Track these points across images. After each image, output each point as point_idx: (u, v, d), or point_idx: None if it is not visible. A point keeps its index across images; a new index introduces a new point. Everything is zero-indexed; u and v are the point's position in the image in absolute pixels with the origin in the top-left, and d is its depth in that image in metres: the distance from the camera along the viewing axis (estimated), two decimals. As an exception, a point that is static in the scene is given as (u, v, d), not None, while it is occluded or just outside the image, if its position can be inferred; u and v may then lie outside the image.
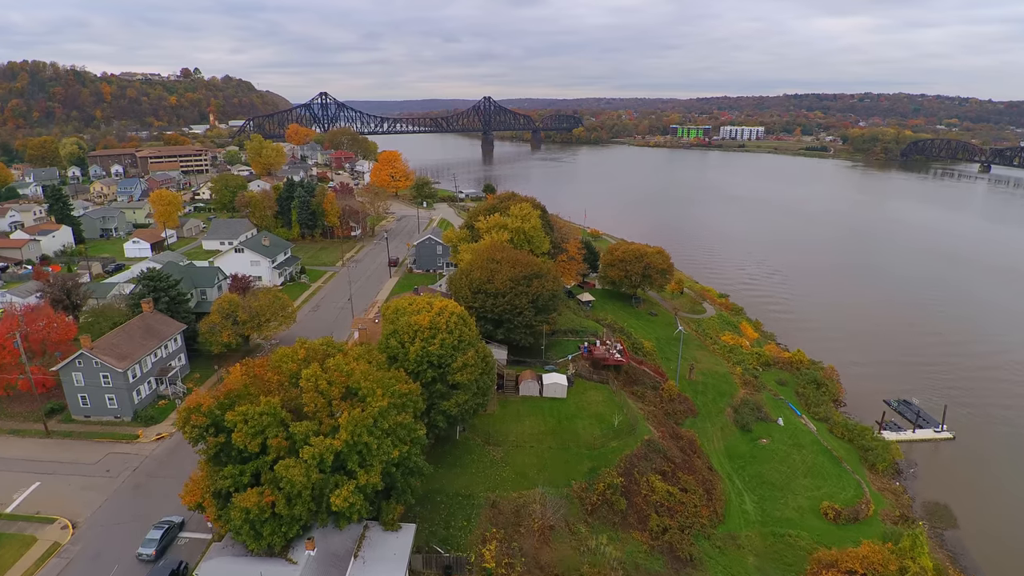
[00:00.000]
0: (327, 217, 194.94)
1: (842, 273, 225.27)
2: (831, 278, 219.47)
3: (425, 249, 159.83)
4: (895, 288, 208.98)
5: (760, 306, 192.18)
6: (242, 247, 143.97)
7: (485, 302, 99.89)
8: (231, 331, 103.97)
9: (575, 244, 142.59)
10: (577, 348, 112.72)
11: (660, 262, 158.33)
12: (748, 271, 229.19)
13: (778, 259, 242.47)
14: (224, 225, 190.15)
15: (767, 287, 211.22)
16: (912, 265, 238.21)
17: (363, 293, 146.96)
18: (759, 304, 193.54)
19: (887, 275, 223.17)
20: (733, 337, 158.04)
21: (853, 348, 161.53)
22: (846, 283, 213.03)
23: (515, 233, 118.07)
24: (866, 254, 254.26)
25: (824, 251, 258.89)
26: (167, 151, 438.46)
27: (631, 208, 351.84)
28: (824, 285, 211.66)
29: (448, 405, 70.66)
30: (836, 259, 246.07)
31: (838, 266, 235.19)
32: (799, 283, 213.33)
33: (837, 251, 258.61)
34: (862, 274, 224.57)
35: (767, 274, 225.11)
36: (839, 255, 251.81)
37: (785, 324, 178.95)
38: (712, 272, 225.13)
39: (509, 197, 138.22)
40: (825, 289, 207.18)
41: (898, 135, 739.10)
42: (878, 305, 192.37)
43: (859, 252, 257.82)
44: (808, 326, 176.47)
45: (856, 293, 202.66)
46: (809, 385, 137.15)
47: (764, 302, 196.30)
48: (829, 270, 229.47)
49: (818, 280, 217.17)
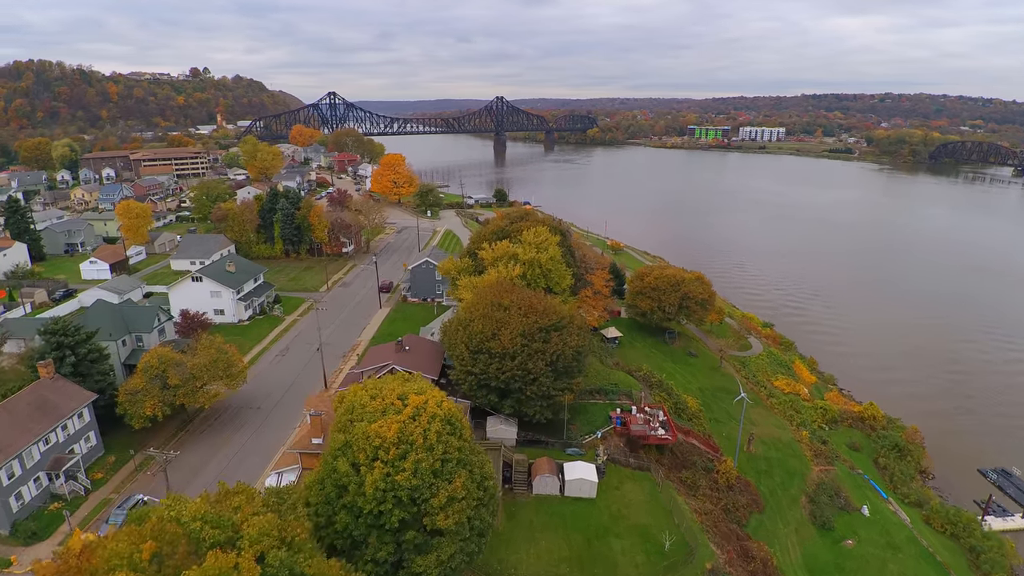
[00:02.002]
0: (314, 232, 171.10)
1: (894, 295, 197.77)
2: (881, 301, 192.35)
3: (421, 275, 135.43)
4: (958, 314, 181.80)
5: (807, 335, 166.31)
6: (200, 275, 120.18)
7: (488, 365, 75.43)
8: (159, 398, 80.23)
9: (602, 276, 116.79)
10: (607, 418, 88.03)
11: (700, 291, 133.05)
12: (787, 291, 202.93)
13: (817, 276, 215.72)
14: (196, 242, 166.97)
15: (812, 311, 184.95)
16: (971, 285, 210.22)
17: (345, 331, 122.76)
18: (806, 334, 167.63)
19: (946, 298, 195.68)
20: (788, 382, 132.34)
21: (925, 393, 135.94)
22: (900, 308, 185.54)
23: (528, 266, 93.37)
24: (916, 272, 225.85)
25: (867, 266, 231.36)
26: (163, 153, 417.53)
27: (652, 215, 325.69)
28: (875, 309, 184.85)
29: (425, 564, 46.21)
30: (881, 275, 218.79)
31: (887, 285, 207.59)
32: (846, 306, 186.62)
33: (882, 267, 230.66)
34: (917, 297, 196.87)
35: (809, 295, 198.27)
36: (885, 272, 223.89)
37: (840, 360, 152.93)
38: (748, 293, 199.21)
39: (521, 217, 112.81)
40: (877, 315, 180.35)
41: (926, 137, 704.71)
42: (943, 334, 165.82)
43: (907, 269, 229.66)
44: (867, 364, 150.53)
45: (914, 321, 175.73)
46: (890, 452, 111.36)
47: (811, 330, 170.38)
48: (878, 291, 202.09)
49: (867, 303, 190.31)
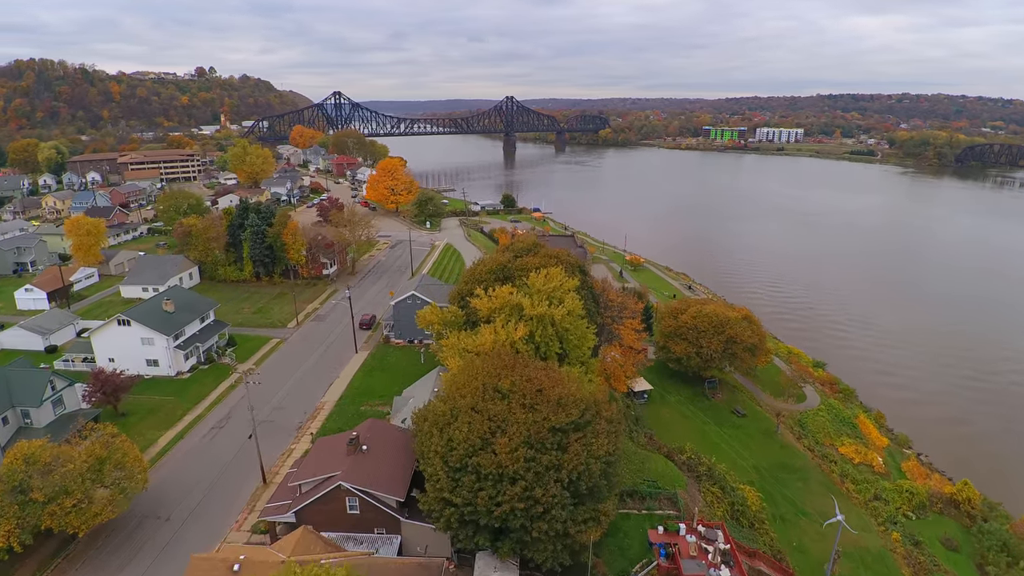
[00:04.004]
0: (288, 253, 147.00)
1: (963, 325, 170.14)
2: (947, 334, 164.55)
3: (406, 312, 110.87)
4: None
5: (864, 376, 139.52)
6: (127, 318, 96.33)
7: (476, 492, 50.95)
8: (16, 521, 56.42)
9: (633, 327, 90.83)
10: (645, 543, 63.37)
11: (748, 335, 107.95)
12: (832, 318, 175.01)
13: (864, 300, 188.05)
14: (151, 265, 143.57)
15: (866, 345, 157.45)
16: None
17: (307, 385, 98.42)
18: (862, 373, 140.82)
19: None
20: (858, 449, 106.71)
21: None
22: (974, 343, 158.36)
23: (538, 323, 68.67)
24: (991, 296, 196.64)
25: (919, 288, 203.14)
26: (152, 155, 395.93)
27: (671, 223, 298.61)
28: (939, 344, 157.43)
29: None
30: (943, 300, 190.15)
31: (953, 313, 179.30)
32: (907, 341, 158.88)
33: (939, 289, 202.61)
34: (997, 327, 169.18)
35: (860, 326, 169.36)
36: (947, 296, 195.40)
37: (908, 410, 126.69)
38: (786, 316, 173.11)
39: (528, 249, 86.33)
40: (943, 351, 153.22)
41: (951, 139, 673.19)
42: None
43: (978, 291, 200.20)
44: (939, 415, 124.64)
45: (992, 358, 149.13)
46: (999, 556, 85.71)
47: (867, 367, 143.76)
48: (939, 318, 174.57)
49: (930, 336, 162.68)
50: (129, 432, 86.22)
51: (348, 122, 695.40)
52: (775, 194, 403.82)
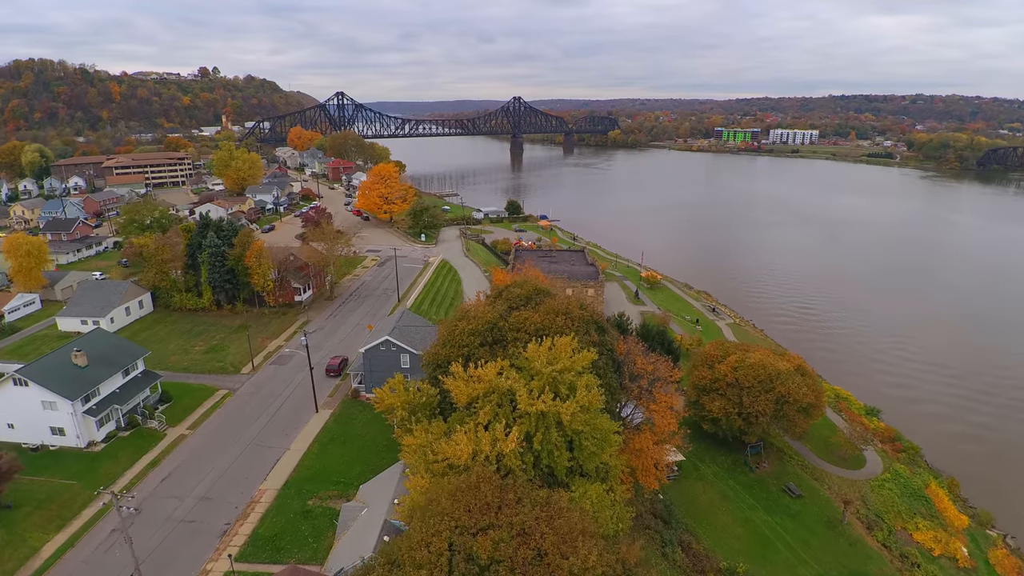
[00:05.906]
0: (252, 277, 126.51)
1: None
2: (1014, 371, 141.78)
3: (379, 360, 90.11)
4: None
5: (925, 426, 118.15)
6: (24, 378, 76.22)
7: None
8: None
9: (666, 402, 68.82)
10: None
11: (803, 391, 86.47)
12: (875, 346, 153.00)
13: (912, 327, 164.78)
14: (93, 291, 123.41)
15: (929, 386, 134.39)
16: None
17: (245, 463, 77.92)
18: (924, 422, 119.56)
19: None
20: (937, 535, 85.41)
21: None
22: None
23: (539, 424, 47.94)
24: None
25: (974, 314, 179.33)
26: (140, 159, 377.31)
27: (687, 233, 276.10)
28: (1008, 384, 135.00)
29: None
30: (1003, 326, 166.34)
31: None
32: (976, 381, 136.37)
33: (997, 315, 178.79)
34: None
35: (924, 366, 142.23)
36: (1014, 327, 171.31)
37: (985, 472, 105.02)
38: (830, 351, 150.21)
39: (528, 297, 65.00)
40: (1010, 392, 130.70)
41: (971, 141, 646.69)
42: None
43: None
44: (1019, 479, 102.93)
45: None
46: None
47: (929, 416, 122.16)
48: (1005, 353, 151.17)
49: (995, 373, 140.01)
50: (10, 534, 66.68)
51: (351, 123, 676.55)
52: (796, 199, 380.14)
